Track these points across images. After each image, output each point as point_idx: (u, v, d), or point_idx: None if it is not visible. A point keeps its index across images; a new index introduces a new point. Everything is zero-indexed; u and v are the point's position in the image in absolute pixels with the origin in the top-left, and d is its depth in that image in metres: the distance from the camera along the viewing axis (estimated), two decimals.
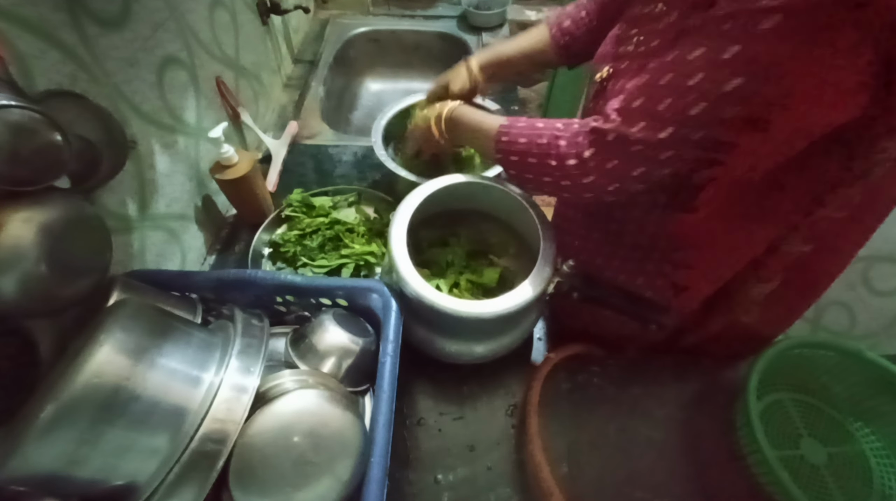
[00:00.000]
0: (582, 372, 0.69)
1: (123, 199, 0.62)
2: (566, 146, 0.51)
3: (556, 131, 0.53)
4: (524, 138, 0.55)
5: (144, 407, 0.39)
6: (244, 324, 0.49)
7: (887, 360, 0.62)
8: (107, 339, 0.39)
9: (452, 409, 0.66)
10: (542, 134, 0.54)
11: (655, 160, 0.46)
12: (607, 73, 0.56)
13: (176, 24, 0.71)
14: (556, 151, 0.52)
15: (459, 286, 0.66)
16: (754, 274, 0.60)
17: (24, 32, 0.46)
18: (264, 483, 0.41)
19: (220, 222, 0.89)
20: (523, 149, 0.55)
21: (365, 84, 1.43)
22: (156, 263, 0.69)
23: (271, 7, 1.04)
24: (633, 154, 0.47)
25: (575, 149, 0.50)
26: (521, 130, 0.56)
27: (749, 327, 0.67)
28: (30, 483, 0.37)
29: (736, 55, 0.38)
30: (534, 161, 0.54)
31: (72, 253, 0.45)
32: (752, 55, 0.38)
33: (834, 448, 0.64)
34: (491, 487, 0.59)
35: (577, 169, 0.50)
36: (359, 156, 1.01)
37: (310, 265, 0.77)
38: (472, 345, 0.62)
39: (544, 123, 0.55)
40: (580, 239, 0.70)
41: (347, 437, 0.43)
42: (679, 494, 0.60)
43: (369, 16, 1.42)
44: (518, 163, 0.56)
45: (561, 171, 0.52)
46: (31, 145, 0.40)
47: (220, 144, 0.73)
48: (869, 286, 1.17)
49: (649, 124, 0.45)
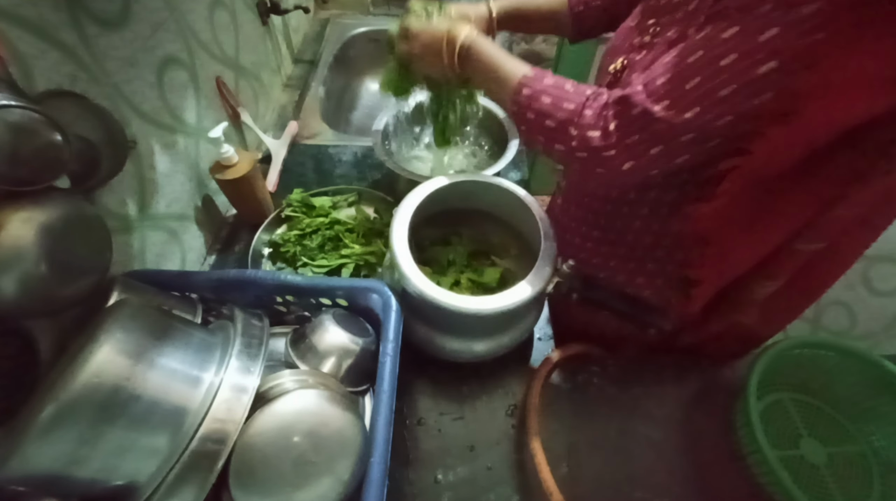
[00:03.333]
0: (582, 372, 0.69)
1: (123, 199, 0.62)
2: (592, 117, 0.47)
3: (585, 99, 0.49)
4: (549, 98, 0.50)
5: (144, 407, 0.39)
6: (244, 324, 0.49)
7: (887, 360, 0.62)
8: (107, 339, 0.39)
9: (452, 409, 0.66)
10: (569, 98, 0.49)
11: (676, 142, 0.44)
12: (621, 65, 0.55)
13: (176, 24, 0.71)
14: (580, 120, 0.48)
15: (460, 285, 0.66)
16: (761, 272, 0.59)
17: (24, 32, 0.46)
18: (264, 483, 0.41)
19: (220, 222, 0.89)
20: (545, 109, 0.50)
21: (365, 84, 1.43)
22: (156, 263, 0.69)
23: (271, 7, 1.04)
24: (654, 132, 0.44)
25: (602, 122, 0.47)
26: (546, 88, 0.51)
27: (748, 326, 0.67)
28: (30, 483, 0.37)
29: (773, 38, 0.37)
30: (552, 125, 0.50)
31: (72, 253, 0.45)
32: (790, 40, 0.37)
33: (834, 448, 0.64)
34: (491, 487, 0.59)
35: (601, 141, 0.47)
36: (359, 156, 1.01)
37: (310, 265, 0.77)
38: (472, 343, 0.62)
39: (573, 87, 0.51)
40: (580, 236, 0.70)
41: (347, 437, 0.43)
42: (679, 494, 0.60)
43: (369, 16, 1.42)
44: (533, 123, 0.52)
45: (579, 142, 0.48)
46: (31, 145, 0.40)
47: (220, 144, 0.73)
48: (869, 286, 1.17)
49: (674, 103, 0.42)
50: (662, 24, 0.50)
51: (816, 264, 0.57)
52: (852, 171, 0.47)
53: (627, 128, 0.46)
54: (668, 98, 0.43)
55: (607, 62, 0.59)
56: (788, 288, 0.60)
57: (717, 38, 0.40)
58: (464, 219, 0.73)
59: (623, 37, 0.57)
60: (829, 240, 0.53)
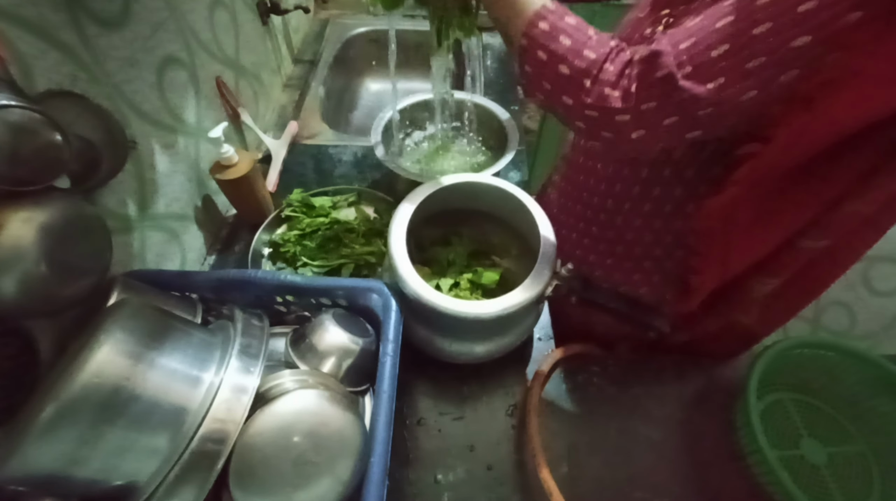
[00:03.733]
0: (582, 372, 0.69)
1: (123, 199, 0.62)
2: (614, 74, 0.42)
3: (609, 50, 0.43)
4: (569, 40, 0.44)
5: (144, 407, 0.39)
6: (244, 324, 0.49)
7: (887, 360, 0.62)
8: (107, 339, 0.39)
9: (452, 409, 0.66)
10: (592, 46, 0.44)
11: (692, 115, 0.41)
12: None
13: (176, 24, 0.71)
14: (600, 74, 0.43)
15: (459, 286, 0.66)
16: (761, 270, 0.58)
17: (24, 32, 0.46)
18: (264, 483, 0.41)
19: (220, 222, 0.89)
20: (561, 52, 0.44)
21: (365, 84, 1.43)
22: (156, 263, 0.69)
23: (271, 7, 1.04)
24: (672, 101, 0.41)
25: (626, 82, 0.42)
26: (567, 28, 0.45)
27: (746, 325, 0.66)
28: (30, 483, 0.37)
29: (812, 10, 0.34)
30: (566, 72, 0.44)
31: (72, 253, 0.45)
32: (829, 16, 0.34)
33: (834, 448, 0.64)
34: (491, 487, 0.59)
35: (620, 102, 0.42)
36: (359, 156, 1.01)
37: (310, 265, 0.77)
38: (472, 345, 0.62)
39: (597, 35, 0.45)
40: (577, 232, 0.69)
41: (347, 437, 0.43)
42: (679, 494, 0.60)
43: (369, 16, 1.42)
44: (544, 65, 0.45)
45: (595, 99, 0.43)
46: (31, 145, 0.40)
47: (220, 144, 0.73)
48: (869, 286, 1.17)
49: (696, 70, 0.39)
50: (677, 15, 0.48)
51: (818, 262, 0.56)
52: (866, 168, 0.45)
53: (647, 91, 0.41)
54: (690, 64, 0.39)
55: None
56: (788, 287, 0.59)
57: (752, 4, 0.37)
58: (464, 219, 0.73)
59: (632, 28, 0.56)
60: (835, 238, 0.52)
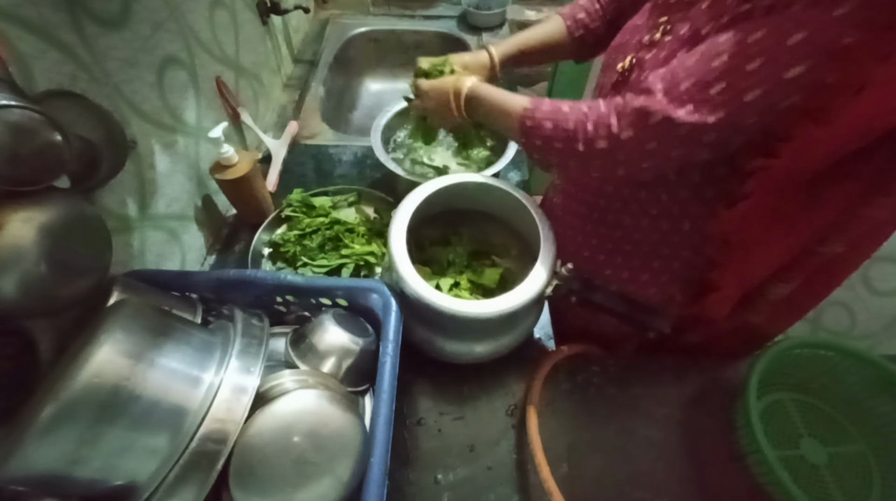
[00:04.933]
0: (582, 372, 0.69)
1: (123, 199, 0.62)
2: (593, 129, 0.50)
3: (582, 115, 0.51)
4: (549, 122, 0.54)
5: (144, 407, 0.39)
6: (244, 324, 0.49)
7: (887, 360, 0.62)
8: (107, 339, 0.39)
9: (452, 409, 0.66)
10: (567, 118, 0.52)
11: (698, 143, 0.45)
12: (630, 63, 0.55)
13: (176, 24, 0.71)
14: (584, 136, 0.50)
15: (459, 285, 0.66)
16: (778, 274, 0.59)
17: (24, 32, 0.46)
18: (264, 483, 0.41)
19: (220, 222, 0.89)
20: (549, 134, 0.54)
21: (365, 84, 1.43)
22: (156, 263, 0.69)
23: (271, 7, 1.04)
24: (676, 136, 0.45)
25: (605, 132, 0.49)
26: (546, 114, 0.54)
27: (753, 326, 0.66)
28: (30, 483, 0.37)
29: (801, 42, 0.37)
30: (559, 146, 0.53)
31: (72, 253, 0.45)
32: (821, 42, 0.36)
33: (834, 448, 0.64)
34: (491, 487, 0.59)
35: (610, 148, 0.49)
36: (359, 156, 1.01)
37: (310, 265, 0.77)
38: (472, 345, 0.62)
39: (569, 107, 0.53)
40: (582, 234, 0.70)
41: (347, 437, 0.43)
42: (679, 494, 0.60)
43: (369, 16, 1.42)
44: (543, 148, 0.56)
45: (589, 154, 0.51)
46: (31, 145, 0.40)
47: (220, 144, 0.73)
48: (869, 286, 1.17)
49: (698, 107, 0.43)
50: (674, 22, 0.50)
51: (830, 265, 0.56)
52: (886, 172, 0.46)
53: (646, 135, 0.46)
54: (691, 102, 0.43)
55: (613, 60, 0.59)
56: (798, 289, 0.60)
57: (744, 41, 0.40)
58: (464, 219, 0.73)
59: (630, 34, 0.57)
60: (852, 242, 0.53)
